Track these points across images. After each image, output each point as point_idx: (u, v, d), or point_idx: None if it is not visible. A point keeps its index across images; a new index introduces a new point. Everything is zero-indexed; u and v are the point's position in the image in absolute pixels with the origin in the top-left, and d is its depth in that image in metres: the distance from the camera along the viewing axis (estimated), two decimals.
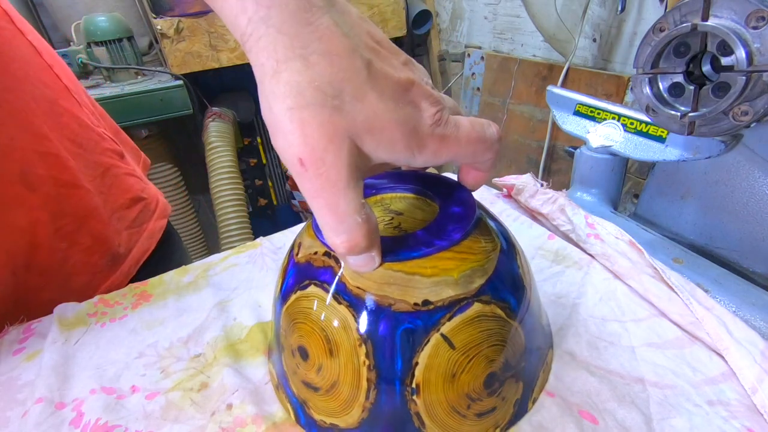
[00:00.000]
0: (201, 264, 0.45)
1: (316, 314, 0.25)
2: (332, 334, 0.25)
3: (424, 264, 0.24)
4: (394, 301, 0.24)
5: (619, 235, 0.40)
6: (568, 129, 0.52)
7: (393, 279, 0.24)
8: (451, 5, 1.49)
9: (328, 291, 0.25)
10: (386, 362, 0.24)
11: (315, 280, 0.25)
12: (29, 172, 0.40)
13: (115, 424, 0.30)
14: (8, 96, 0.38)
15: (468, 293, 0.24)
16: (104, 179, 0.47)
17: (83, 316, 0.40)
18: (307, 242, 0.27)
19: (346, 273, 0.25)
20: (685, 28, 0.32)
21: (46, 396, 0.31)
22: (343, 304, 0.24)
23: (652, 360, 0.31)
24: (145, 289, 0.43)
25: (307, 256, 0.27)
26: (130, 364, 0.35)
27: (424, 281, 0.24)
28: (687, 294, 0.33)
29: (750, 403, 0.28)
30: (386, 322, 0.24)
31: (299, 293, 0.26)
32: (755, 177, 0.39)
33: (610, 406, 0.28)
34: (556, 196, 0.46)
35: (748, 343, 0.30)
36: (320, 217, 0.20)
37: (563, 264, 0.41)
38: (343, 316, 0.24)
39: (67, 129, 0.44)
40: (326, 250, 0.26)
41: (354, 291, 0.24)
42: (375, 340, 0.24)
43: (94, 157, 0.46)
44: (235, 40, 0.86)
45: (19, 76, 0.40)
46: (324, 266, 0.25)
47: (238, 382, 0.31)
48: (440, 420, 0.25)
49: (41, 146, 0.40)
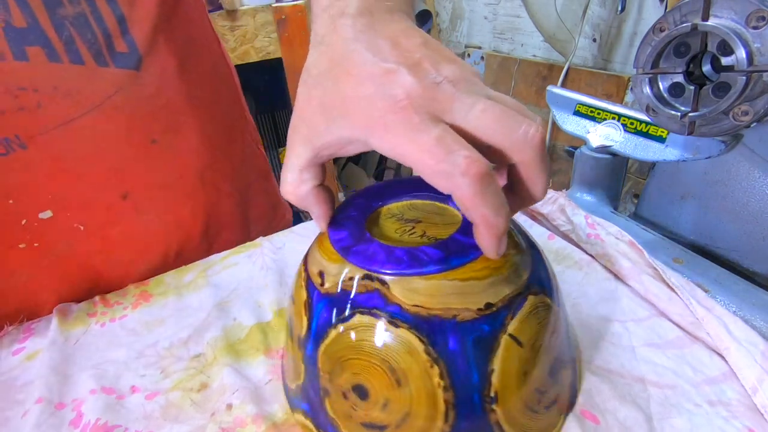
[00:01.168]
0: (201, 263, 0.45)
1: (373, 345, 0.23)
2: (397, 362, 0.22)
3: (476, 267, 0.23)
4: (457, 311, 0.22)
5: (619, 236, 0.40)
6: (568, 129, 0.52)
7: (449, 289, 0.23)
8: (451, 5, 1.49)
9: (380, 317, 0.23)
10: (462, 377, 0.22)
11: (360, 308, 0.23)
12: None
13: (115, 424, 0.30)
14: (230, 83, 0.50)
15: (520, 287, 0.24)
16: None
17: (83, 316, 0.40)
18: (334, 269, 0.25)
19: (398, 293, 0.23)
20: (685, 28, 0.32)
21: (45, 396, 0.31)
22: (402, 327, 0.22)
23: (652, 360, 0.31)
24: (145, 288, 0.43)
25: (341, 284, 0.24)
26: (130, 364, 0.35)
27: (480, 284, 0.23)
28: (687, 294, 0.33)
29: (750, 403, 0.28)
30: (455, 335, 0.22)
31: (342, 327, 0.24)
32: (755, 177, 0.39)
33: (612, 405, 0.28)
34: (556, 196, 0.46)
35: (748, 343, 0.30)
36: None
37: (564, 264, 0.41)
38: (406, 339, 0.22)
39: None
40: (366, 273, 0.24)
41: (412, 310, 0.22)
42: (447, 357, 0.22)
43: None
44: (235, 39, 0.89)
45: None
46: (368, 291, 0.23)
47: (238, 382, 0.31)
48: (519, 423, 0.25)
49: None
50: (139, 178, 0.40)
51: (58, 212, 0.37)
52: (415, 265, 0.23)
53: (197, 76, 0.43)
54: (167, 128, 0.41)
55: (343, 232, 0.26)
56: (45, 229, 0.37)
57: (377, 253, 0.24)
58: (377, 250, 0.24)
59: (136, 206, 0.41)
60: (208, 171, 0.46)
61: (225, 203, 0.49)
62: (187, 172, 0.44)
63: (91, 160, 0.37)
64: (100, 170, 0.38)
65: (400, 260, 0.23)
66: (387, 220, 0.28)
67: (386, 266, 0.23)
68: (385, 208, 0.29)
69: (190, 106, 0.42)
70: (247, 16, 1.10)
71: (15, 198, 0.35)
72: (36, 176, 0.35)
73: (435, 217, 0.28)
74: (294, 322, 0.27)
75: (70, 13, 0.32)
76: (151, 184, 0.41)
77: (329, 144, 0.22)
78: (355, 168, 1.85)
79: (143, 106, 0.38)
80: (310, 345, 0.25)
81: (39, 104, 0.32)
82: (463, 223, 0.26)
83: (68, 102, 0.34)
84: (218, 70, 0.48)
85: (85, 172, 0.37)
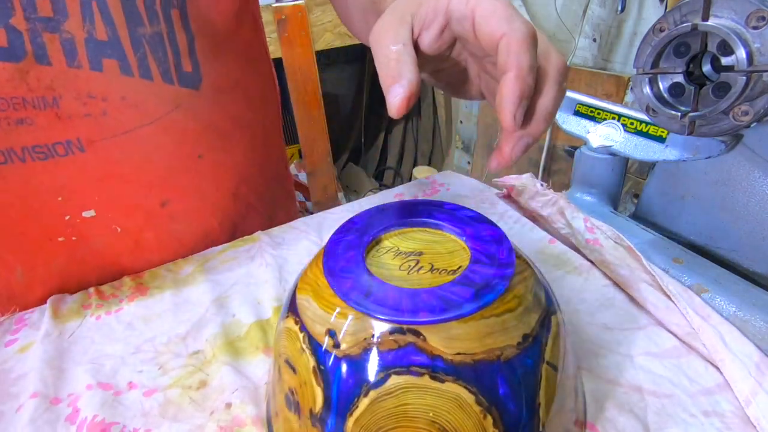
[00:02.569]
0: (198, 257, 0.45)
1: (417, 408, 0.20)
2: (448, 422, 0.20)
3: (506, 299, 0.22)
4: (500, 350, 0.21)
5: (618, 240, 0.40)
6: (568, 129, 0.52)
7: (488, 327, 0.21)
8: None
9: (420, 374, 0.20)
10: (515, 420, 0.21)
11: (394, 368, 0.20)
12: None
13: (112, 422, 0.29)
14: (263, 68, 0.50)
15: (543, 310, 0.23)
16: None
17: (77, 308, 0.39)
18: (348, 326, 0.22)
19: (436, 343, 0.20)
20: (685, 28, 0.32)
21: (40, 390, 0.31)
22: (448, 381, 0.20)
23: (650, 369, 0.31)
24: (141, 281, 0.42)
25: (365, 344, 0.21)
26: (127, 359, 0.34)
27: (514, 316, 0.22)
28: (684, 303, 0.33)
29: (744, 415, 0.28)
30: (503, 378, 0.20)
31: (375, 394, 0.20)
32: (755, 177, 0.39)
33: (610, 414, 0.28)
34: (556, 198, 0.46)
35: (743, 355, 0.30)
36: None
37: (564, 269, 0.41)
38: (454, 393, 0.20)
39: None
40: (394, 327, 0.21)
41: (456, 359, 0.20)
42: (498, 402, 0.20)
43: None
44: None
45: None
46: (400, 346, 0.20)
47: (237, 380, 0.31)
48: None
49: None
50: (180, 189, 0.42)
51: (100, 212, 0.40)
52: (450, 308, 0.21)
53: (247, 99, 0.46)
54: (214, 145, 0.43)
55: (345, 279, 0.23)
56: (85, 227, 0.40)
57: (399, 300, 0.21)
58: (396, 295, 0.22)
59: (171, 214, 0.43)
60: (243, 186, 0.48)
61: (252, 217, 0.51)
62: (224, 186, 0.46)
63: (140, 168, 0.39)
64: (147, 178, 0.40)
65: (430, 305, 0.21)
66: (384, 256, 0.25)
67: (417, 314, 0.21)
68: (376, 243, 0.26)
69: (238, 126, 0.45)
70: None
71: (64, 196, 0.37)
72: (87, 178, 0.37)
73: (436, 246, 0.26)
74: (299, 395, 0.23)
75: (148, 31, 0.34)
76: (190, 195, 0.43)
77: (424, 15, 0.25)
78: (355, 168, 1.85)
79: (196, 122, 0.40)
80: (331, 420, 0.22)
81: (105, 112, 0.35)
82: (473, 251, 0.24)
83: (132, 113, 0.36)
84: (266, 94, 0.51)
85: (132, 179, 0.40)
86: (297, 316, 0.24)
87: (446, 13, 0.25)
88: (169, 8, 0.35)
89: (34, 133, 0.34)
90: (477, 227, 0.26)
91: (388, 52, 0.25)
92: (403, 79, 0.24)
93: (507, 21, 0.23)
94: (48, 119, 0.34)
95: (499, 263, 0.23)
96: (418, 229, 0.27)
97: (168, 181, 0.42)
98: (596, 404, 0.29)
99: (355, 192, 1.76)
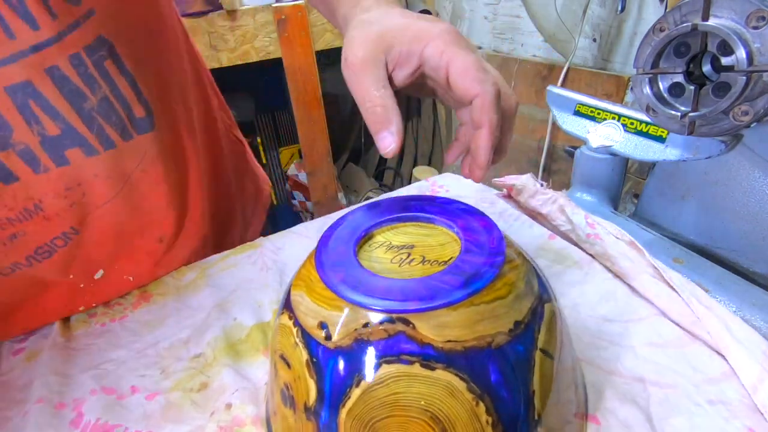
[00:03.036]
0: (200, 264, 0.45)
1: (409, 396, 0.20)
2: (440, 410, 0.20)
3: (496, 286, 0.22)
4: (491, 337, 0.21)
5: (619, 235, 0.40)
6: (568, 129, 0.52)
7: (479, 315, 0.21)
8: (451, 5, 1.49)
9: (411, 362, 0.20)
10: (508, 408, 0.21)
11: (385, 356, 0.20)
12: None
13: (115, 424, 0.30)
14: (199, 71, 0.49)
15: (536, 297, 0.23)
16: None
17: (84, 317, 0.40)
18: (340, 317, 0.22)
19: (426, 331, 0.20)
20: (685, 28, 0.32)
21: (46, 396, 0.31)
22: (439, 368, 0.20)
23: (653, 359, 0.31)
24: (145, 289, 0.43)
25: (356, 334, 0.21)
26: (131, 364, 0.35)
27: (505, 303, 0.22)
28: (687, 293, 0.33)
29: (751, 402, 0.28)
30: (495, 365, 0.20)
31: (366, 384, 0.21)
32: (755, 177, 0.39)
33: (612, 405, 0.28)
34: (556, 196, 0.46)
35: (749, 342, 0.30)
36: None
37: (564, 264, 0.41)
38: (445, 381, 0.20)
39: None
40: (383, 317, 0.21)
41: (446, 347, 0.20)
42: (490, 390, 0.20)
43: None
44: (235, 39, 0.88)
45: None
46: (390, 336, 0.21)
47: (237, 382, 0.31)
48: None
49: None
50: (168, 222, 0.43)
51: (108, 269, 0.40)
52: (438, 296, 0.21)
53: (187, 106, 0.44)
54: (181, 172, 0.43)
55: (337, 272, 0.23)
56: (100, 287, 0.41)
57: (389, 291, 0.22)
58: (386, 286, 0.22)
59: (168, 246, 0.44)
60: (206, 202, 0.47)
61: (233, 233, 0.53)
62: (197, 213, 0.46)
63: (133, 219, 0.39)
64: (141, 224, 0.40)
65: (419, 294, 0.21)
66: (376, 250, 0.26)
67: (406, 303, 0.21)
68: (368, 238, 0.27)
69: (191, 141, 0.44)
70: (247, 16, 1.10)
71: (74, 273, 0.38)
72: (89, 250, 0.38)
73: (427, 239, 0.26)
74: (293, 389, 0.23)
75: (94, 102, 0.33)
76: (175, 224, 0.43)
77: (397, 55, 0.26)
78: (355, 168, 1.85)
79: (166, 156, 0.40)
80: (324, 412, 0.22)
81: (84, 194, 0.35)
82: (464, 241, 0.24)
83: (109, 182, 0.36)
84: (203, 91, 0.50)
85: (129, 231, 0.40)
86: (291, 311, 0.24)
87: (420, 58, 0.26)
88: (102, 62, 0.33)
89: (30, 241, 0.34)
90: (468, 219, 0.26)
91: (372, 97, 0.26)
92: (392, 125, 0.25)
93: (480, 82, 0.25)
94: (38, 225, 0.34)
95: (489, 252, 0.23)
96: (410, 223, 0.28)
97: (161, 221, 0.42)
98: (597, 395, 0.29)
99: (355, 192, 1.76)
